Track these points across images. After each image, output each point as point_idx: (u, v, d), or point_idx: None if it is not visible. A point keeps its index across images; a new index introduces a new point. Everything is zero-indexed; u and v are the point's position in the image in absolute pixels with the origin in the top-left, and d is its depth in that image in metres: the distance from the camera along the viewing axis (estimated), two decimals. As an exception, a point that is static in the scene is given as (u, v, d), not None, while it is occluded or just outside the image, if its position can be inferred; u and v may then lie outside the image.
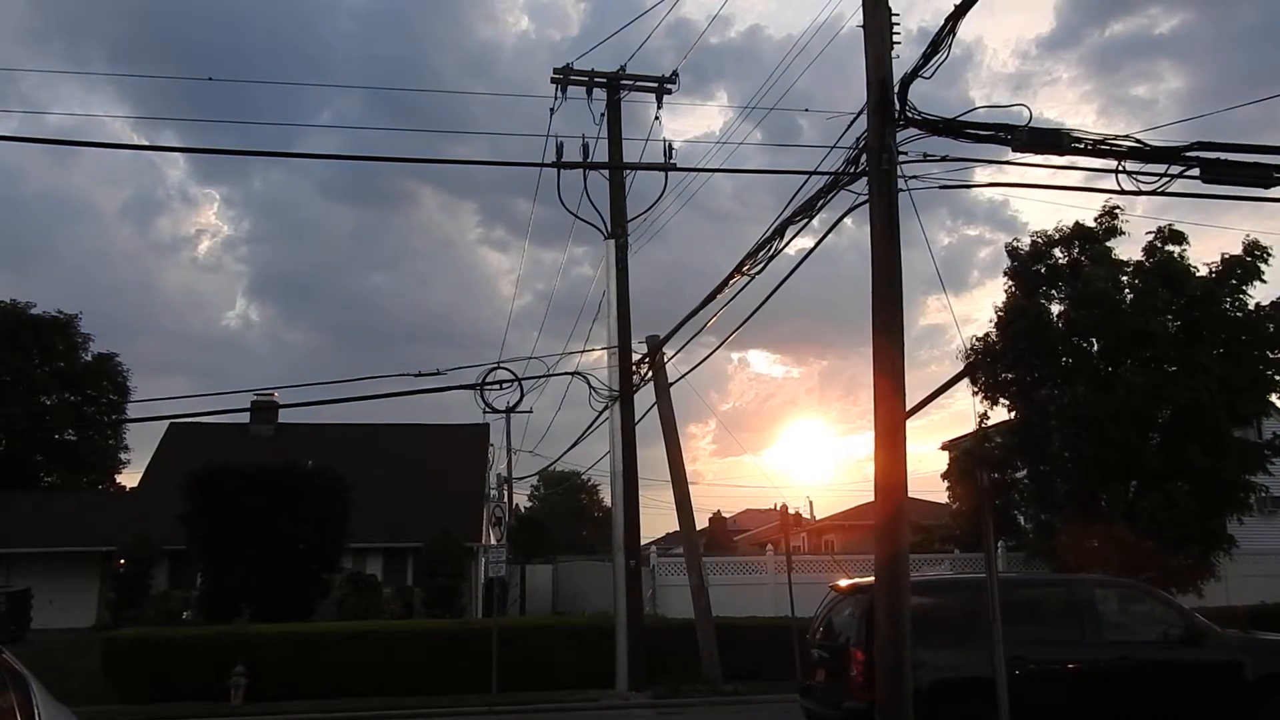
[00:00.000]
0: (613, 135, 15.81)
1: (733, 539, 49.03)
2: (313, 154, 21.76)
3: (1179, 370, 19.30)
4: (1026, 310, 20.51)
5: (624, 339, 15.48)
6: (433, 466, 31.65)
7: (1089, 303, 19.66)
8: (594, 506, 62.20)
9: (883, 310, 7.83)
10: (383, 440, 32.92)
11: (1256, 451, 20.19)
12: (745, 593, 22.33)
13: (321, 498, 22.43)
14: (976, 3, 7.15)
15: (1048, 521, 21.22)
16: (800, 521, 39.15)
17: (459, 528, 28.10)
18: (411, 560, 29.21)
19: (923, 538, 28.43)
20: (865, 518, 31.37)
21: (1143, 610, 10.79)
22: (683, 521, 16.87)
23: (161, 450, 32.94)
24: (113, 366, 43.04)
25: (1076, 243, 20.87)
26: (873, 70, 7.96)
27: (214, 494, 21.50)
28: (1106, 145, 7.69)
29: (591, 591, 26.94)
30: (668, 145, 15.03)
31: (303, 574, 22.06)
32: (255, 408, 30.50)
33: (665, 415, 16.28)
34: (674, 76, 16.00)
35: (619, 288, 15.49)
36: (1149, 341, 19.36)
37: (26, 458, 40.40)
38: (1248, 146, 7.68)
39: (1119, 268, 20.42)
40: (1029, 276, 21.10)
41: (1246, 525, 21.05)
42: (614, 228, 15.55)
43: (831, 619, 10.85)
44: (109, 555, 27.42)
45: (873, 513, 8.03)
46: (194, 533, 21.82)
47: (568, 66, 15.60)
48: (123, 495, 37.68)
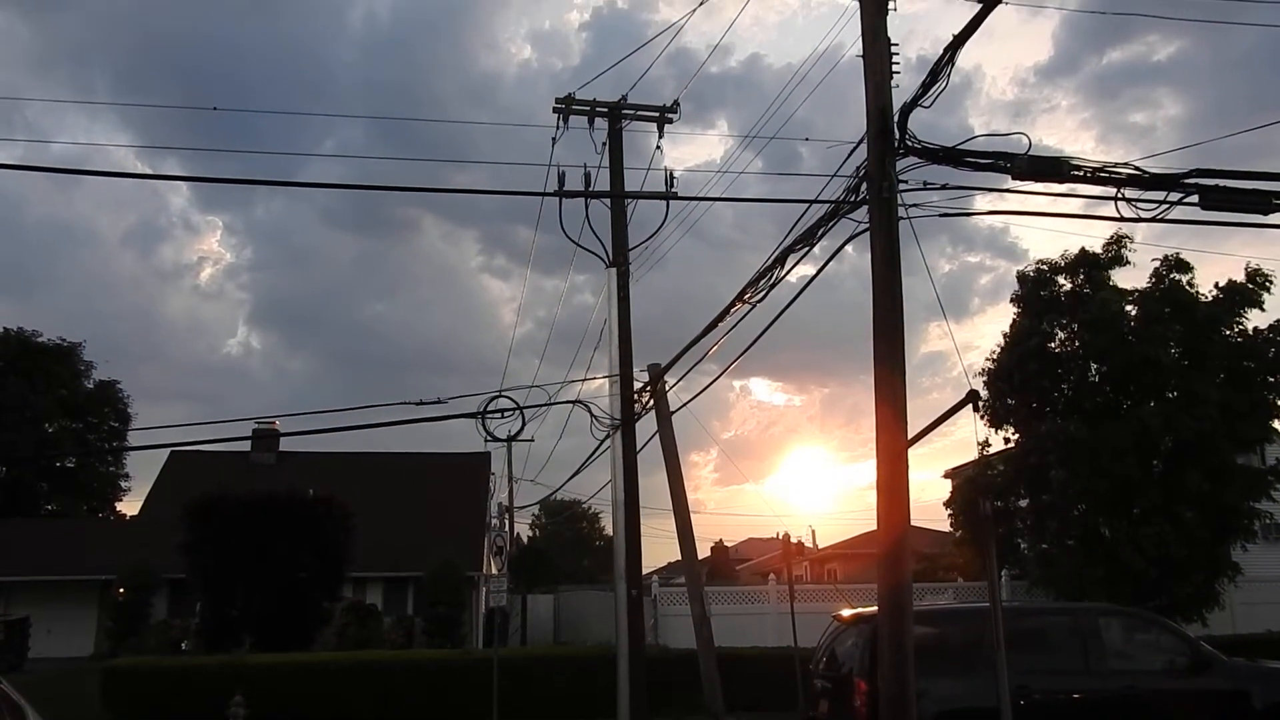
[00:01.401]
0: (614, 164, 15.87)
1: (735, 568, 48.82)
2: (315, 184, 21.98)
3: (1181, 398, 19.28)
4: (1033, 334, 20.54)
5: (625, 367, 15.46)
6: (434, 495, 31.59)
7: (1101, 327, 19.68)
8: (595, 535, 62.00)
9: (884, 338, 7.83)
10: (384, 469, 32.87)
11: (1260, 478, 20.10)
12: (748, 622, 22.20)
13: (322, 526, 22.38)
14: (975, 32, 7.20)
15: (1050, 550, 21.12)
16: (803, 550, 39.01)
17: (460, 557, 28.00)
18: (412, 589, 29.08)
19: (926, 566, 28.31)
20: (868, 546, 31.23)
21: (1148, 639, 10.72)
22: (684, 550, 16.78)
23: (162, 478, 32.90)
24: (114, 394, 43.12)
25: (1081, 269, 20.92)
26: (872, 99, 8.01)
27: (214, 522, 21.45)
28: (1106, 172, 7.72)
29: (593, 621, 26.78)
30: (669, 174, 15.07)
31: (303, 603, 21.96)
32: (256, 436, 30.51)
33: (667, 443, 16.24)
34: (675, 106, 16.08)
35: (620, 316, 15.49)
36: (1154, 369, 19.35)
37: (28, 485, 40.37)
38: (1247, 173, 7.71)
39: (1122, 295, 20.46)
40: (1034, 302, 21.15)
41: (1251, 552, 20.93)
42: (615, 256, 15.57)
43: (835, 649, 10.78)
44: (108, 584, 27.32)
45: (875, 541, 7.99)
46: (194, 561, 21.75)
47: (570, 96, 15.68)
48: (123, 523, 37.60)
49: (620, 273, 15.58)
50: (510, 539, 24.66)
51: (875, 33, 8.04)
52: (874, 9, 8.07)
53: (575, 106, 15.74)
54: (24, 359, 39.57)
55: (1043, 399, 20.78)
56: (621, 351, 15.34)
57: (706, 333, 13.44)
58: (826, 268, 9.85)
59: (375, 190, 13.18)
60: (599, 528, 60.81)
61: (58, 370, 40.86)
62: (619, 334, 15.36)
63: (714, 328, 13.00)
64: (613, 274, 15.56)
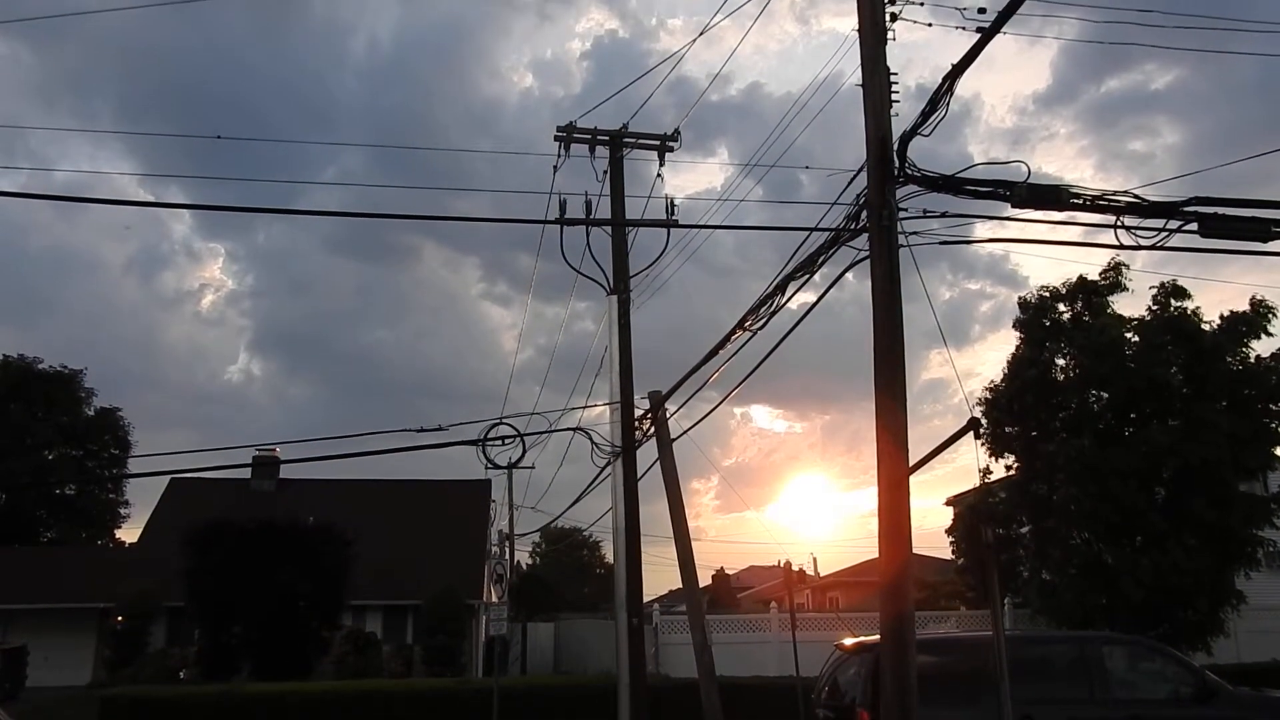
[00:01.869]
0: (615, 192, 15.92)
1: (736, 596, 48.55)
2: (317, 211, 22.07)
3: (1185, 425, 19.27)
4: (1035, 361, 20.58)
5: (626, 394, 15.45)
6: (434, 523, 31.46)
7: (1102, 353, 19.72)
8: (596, 563, 61.67)
9: (884, 366, 7.83)
10: (384, 496, 32.77)
11: (1263, 505, 20.04)
12: (749, 651, 22.06)
13: (322, 554, 22.29)
14: (973, 61, 7.24)
15: (1053, 579, 21.01)
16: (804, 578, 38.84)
17: (460, 585, 27.84)
18: (412, 617, 28.91)
19: (928, 594, 28.14)
20: (870, 574, 31.06)
21: (1153, 668, 10.65)
22: (686, 578, 16.69)
23: (162, 505, 32.79)
24: (115, 421, 43.07)
25: (1080, 296, 21.01)
26: (872, 128, 8.04)
27: (214, 550, 21.38)
28: (1105, 200, 7.74)
29: (594, 650, 26.61)
30: (669, 201, 15.12)
31: (302, 632, 21.84)
32: (256, 463, 30.44)
33: (667, 471, 16.19)
34: (676, 134, 16.16)
35: (621, 342, 15.49)
36: (1159, 394, 19.35)
37: (27, 512, 40.25)
38: (1246, 201, 7.72)
39: (1121, 322, 20.53)
40: (1035, 329, 21.21)
41: (1255, 581, 20.81)
42: (616, 283, 15.59)
43: (837, 678, 10.70)
44: (106, 612, 27.16)
45: (877, 569, 7.94)
46: (193, 589, 21.66)
47: (571, 125, 15.76)
48: (122, 551, 37.46)
49: (621, 300, 15.59)
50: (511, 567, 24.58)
51: (874, 62, 8.09)
52: (873, 38, 8.13)
53: (576, 135, 15.80)
54: (26, 386, 39.59)
55: (1042, 426, 20.78)
56: (622, 378, 15.33)
57: (707, 360, 13.44)
58: (827, 295, 9.85)
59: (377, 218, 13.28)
60: (600, 555, 60.47)
61: (59, 397, 40.88)
62: (620, 361, 15.36)
63: (715, 355, 12.99)
64: (613, 301, 15.58)
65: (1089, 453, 19.10)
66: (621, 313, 15.61)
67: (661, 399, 15.93)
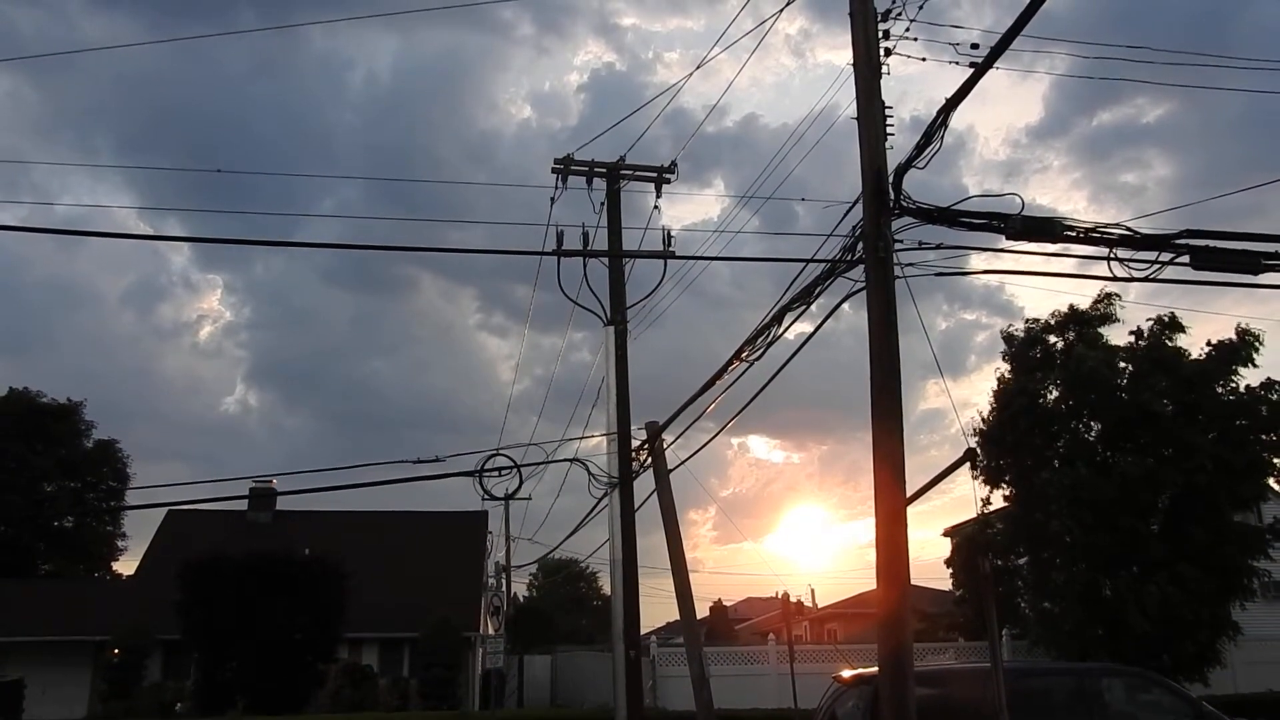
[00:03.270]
0: (612, 223, 15.97)
1: (734, 628, 48.18)
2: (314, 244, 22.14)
3: (1175, 453, 19.24)
4: (1025, 390, 20.55)
5: (623, 425, 15.41)
6: (430, 555, 31.28)
7: (1083, 384, 19.73)
8: (593, 595, 61.29)
9: (881, 397, 7.81)
10: (381, 528, 32.60)
11: (1258, 535, 19.98)
12: (748, 683, 21.85)
13: (318, 587, 22.13)
14: (967, 95, 7.29)
15: (1050, 609, 20.89)
16: (802, 610, 38.56)
17: (456, 617, 27.64)
18: (408, 650, 28.67)
19: (927, 626, 27.95)
20: (868, 605, 30.86)
21: (1151, 699, 10.56)
22: (683, 610, 16.57)
23: (159, 537, 32.61)
24: (113, 453, 42.90)
25: (1071, 327, 21.03)
26: (867, 161, 8.08)
27: (210, 583, 21.22)
28: (1098, 233, 7.76)
29: (591, 682, 26.37)
30: (666, 233, 15.18)
31: (297, 664, 21.64)
32: (253, 495, 30.27)
33: (665, 502, 16.12)
34: (673, 166, 16.23)
35: (618, 374, 15.48)
36: (1148, 423, 19.32)
37: (25, 545, 39.97)
38: (1237, 234, 7.75)
39: (1112, 352, 20.53)
40: (1025, 361, 21.19)
41: (1251, 611, 20.72)
42: (613, 314, 15.60)
43: (835, 711, 10.59)
44: (103, 645, 26.92)
45: (875, 600, 7.88)
46: (189, 622, 21.48)
47: (568, 157, 15.84)
48: (119, 584, 37.18)
49: (618, 331, 15.60)
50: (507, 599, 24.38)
51: (869, 95, 8.14)
52: (868, 72, 8.18)
53: (574, 167, 15.88)
54: (27, 419, 39.48)
55: (1036, 456, 20.74)
56: (619, 409, 15.30)
57: (704, 390, 13.40)
58: (824, 326, 9.86)
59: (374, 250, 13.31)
60: (597, 587, 60.11)
61: (59, 430, 40.73)
62: (617, 392, 15.33)
63: (712, 385, 12.95)
64: (611, 332, 15.58)
65: (1083, 482, 19.04)
66: (618, 344, 15.61)
67: (659, 429, 15.88)
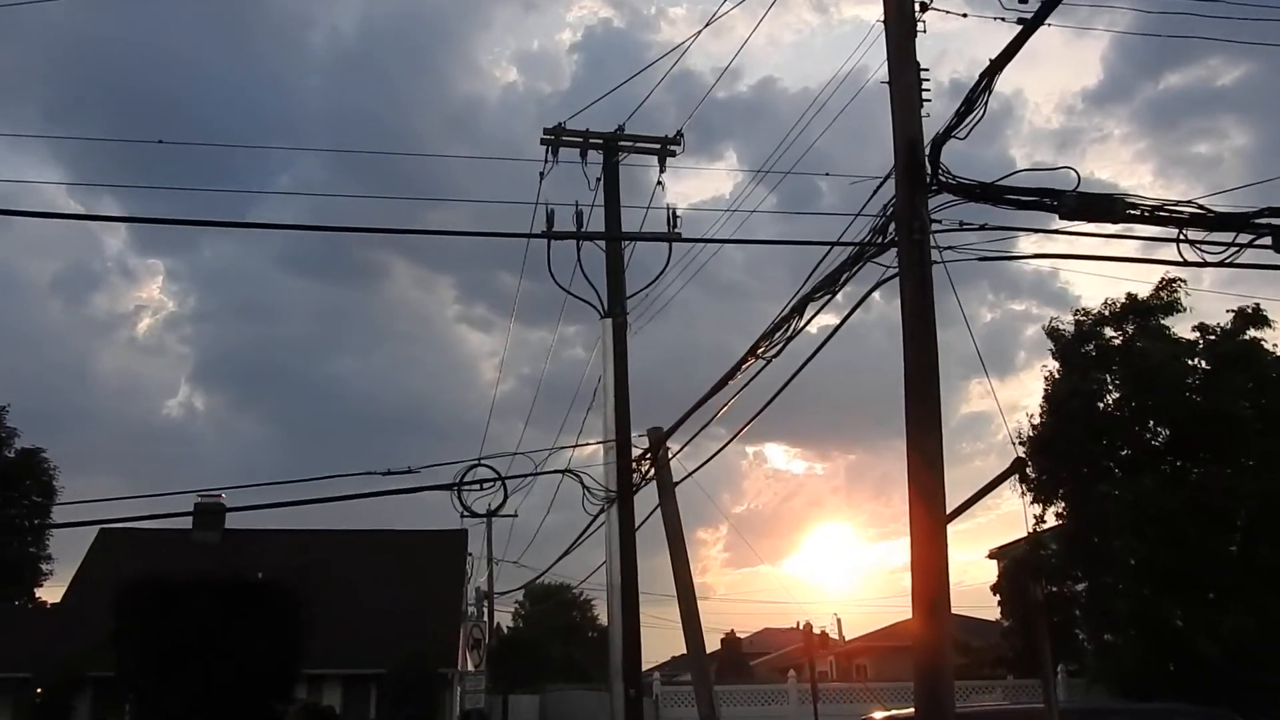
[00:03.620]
0: (610, 202, 16.00)
1: (750, 663, 48.32)
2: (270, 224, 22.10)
3: (1257, 463, 19.24)
4: (1078, 391, 20.50)
5: (623, 431, 15.44)
6: (402, 579, 31.33)
7: (1148, 383, 19.67)
8: (588, 625, 61.41)
9: (916, 398, 7.83)
10: (345, 549, 32.64)
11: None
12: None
13: (273, 615, 22.13)
14: (1015, 55, 7.32)
15: (1112, 640, 20.93)
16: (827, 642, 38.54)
17: (431, 651, 27.69)
18: (375, 689, 28.73)
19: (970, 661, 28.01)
20: (902, 638, 30.90)
21: (1227, 745, 10.60)
22: (690, 643, 16.62)
23: (89, 560, 32.67)
24: (38, 463, 42.90)
25: (1131, 318, 20.94)
26: (899, 131, 8.09)
27: (148, 610, 21.21)
28: (1165, 211, 7.79)
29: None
30: (671, 212, 15.21)
31: (250, 705, 21.66)
32: (199, 511, 30.24)
33: (670, 519, 16.16)
34: (678, 136, 16.25)
35: (617, 372, 15.51)
36: (1225, 428, 19.29)
37: (-66, 569, 40.04)
38: (1325, 212, 7.78)
39: (1180, 347, 20.45)
40: (1076, 358, 21.14)
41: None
42: (611, 305, 15.63)
43: (865, 757, 10.65)
44: (24, 682, 27.00)
45: (910, 632, 7.93)
46: (123, 655, 21.49)
47: (560, 126, 15.85)
48: (43, 612, 37.24)
49: (617, 324, 15.63)
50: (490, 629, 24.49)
51: (903, 56, 8.15)
52: (901, 29, 8.18)
53: (566, 137, 15.90)
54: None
55: (1094, 466, 20.71)
56: (618, 413, 15.34)
57: (715, 392, 13.43)
58: (851, 318, 9.88)
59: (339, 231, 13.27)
60: (592, 616, 60.27)
61: (-25, 439, 40.79)
62: (615, 393, 15.37)
63: (723, 386, 12.99)
64: (608, 325, 15.61)
65: (1148, 495, 19.02)
66: (617, 338, 15.65)
67: (663, 437, 15.92)
